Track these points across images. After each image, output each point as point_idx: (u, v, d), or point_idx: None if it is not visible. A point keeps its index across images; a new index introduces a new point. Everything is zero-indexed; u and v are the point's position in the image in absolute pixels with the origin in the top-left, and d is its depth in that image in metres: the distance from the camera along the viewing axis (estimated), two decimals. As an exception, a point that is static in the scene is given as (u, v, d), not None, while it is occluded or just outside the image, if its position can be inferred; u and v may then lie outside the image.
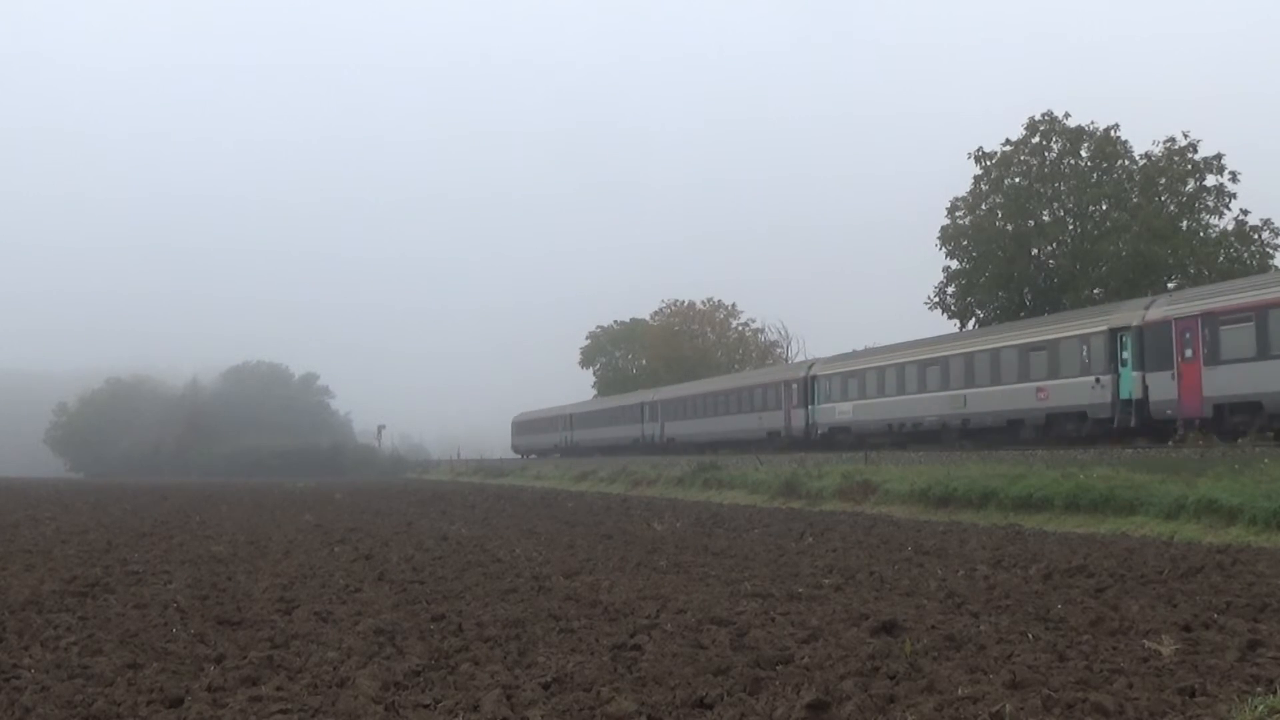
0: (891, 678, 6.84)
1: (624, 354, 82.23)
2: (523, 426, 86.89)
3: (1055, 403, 33.03)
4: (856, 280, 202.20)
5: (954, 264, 46.07)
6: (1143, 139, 55.28)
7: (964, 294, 45.67)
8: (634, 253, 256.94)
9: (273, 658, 7.73)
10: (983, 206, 45.83)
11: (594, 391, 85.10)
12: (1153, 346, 29.66)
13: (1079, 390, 32.00)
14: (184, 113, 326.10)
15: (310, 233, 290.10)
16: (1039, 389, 33.58)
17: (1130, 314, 31.10)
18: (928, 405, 38.89)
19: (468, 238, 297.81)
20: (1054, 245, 44.26)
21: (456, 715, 6.16)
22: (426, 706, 6.35)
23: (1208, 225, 42.59)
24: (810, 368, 48.11)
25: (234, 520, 24.95)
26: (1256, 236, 41.62)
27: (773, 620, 9.17)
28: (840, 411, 44.42)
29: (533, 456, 77.86)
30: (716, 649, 7.89)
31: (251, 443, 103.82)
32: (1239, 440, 26.47)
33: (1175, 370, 28.78)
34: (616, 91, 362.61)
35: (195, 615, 9.86)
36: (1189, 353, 28.32)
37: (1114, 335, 31.01)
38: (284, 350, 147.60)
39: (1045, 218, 44.82)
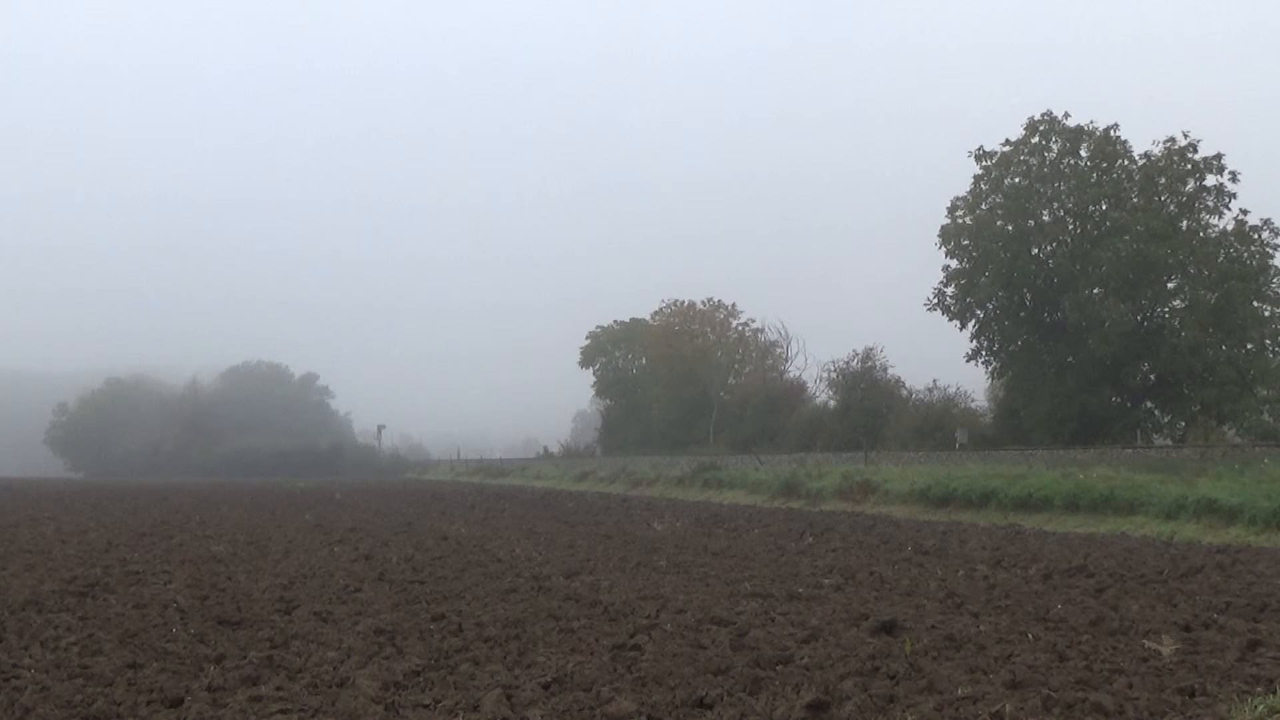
0: (891, 678, 6.83)
1: (624, 354, 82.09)
2: None
3: None
4: (856, 280, 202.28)
5: (954, 264, 46.04)
6: (1142, 139, 55.21)
7: (964, 294, 45.63)
8: (634, 253, 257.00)
9: (273, 658, 7.73)
10: (983, 206, 45.78)
11: (593, 392, 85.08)
12: None
13: None
14: (185, 113, 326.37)
15: (310, 233, 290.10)
16: None
17: None
18: None
19: (468, 238, 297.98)
20: (1054, 245, 44.20)
21: (456, 715, 6.15)
22: (426, 706, 6.34)
23: (1207, 225, 42.53)
24: None
25: (234, 520, 24.95)
26: (1256, 236, 41.54)
27: (773, 620, 9.17)
28: None
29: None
30: (716, 649, 7.89)
31: (251, 443, 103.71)
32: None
33: None
34: (617, 92, 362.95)
35: (195, 615, 9.86)
36: None
37: None
38: (284, 350, 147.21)
39: (1045, 218, 44.77)
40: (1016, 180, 45.27)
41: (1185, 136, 42.41)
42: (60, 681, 7.07)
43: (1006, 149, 45.58)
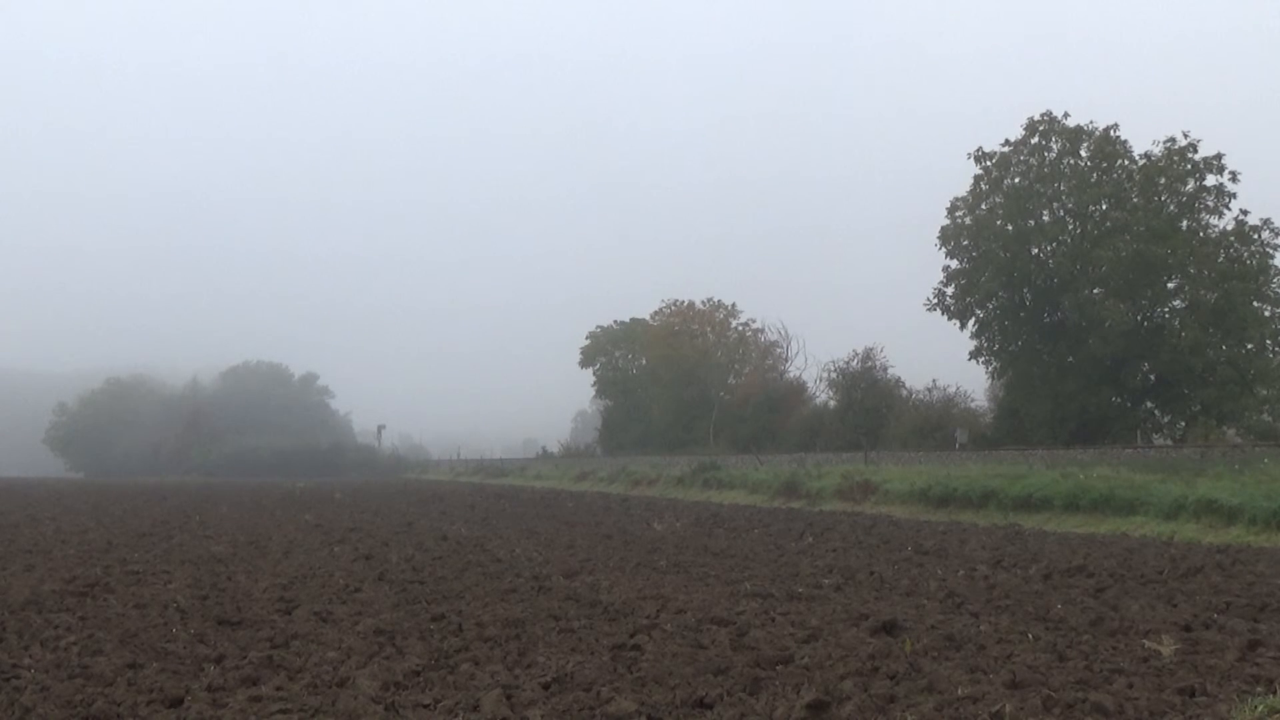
0: (891, 678, 6.83)
1: (624, 354, 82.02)
2: None
3: None
4: (856, 280, 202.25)
5: (954, 264, 46.03)
6: (1143, 139, 55.18)
7: (964, 294, 45.61)
8: (634, 253, 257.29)
9: (273, 658, 7.73)
10: (983, 206, 45.74)
11: (593, 392, 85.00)
12: None
13: None
14: (186, 112, 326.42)
15: (310, 233, 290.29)
16: None
17: None
18: None
19: (468, 238, 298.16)
20: (1054, 245, 44.17)
21: (456, 715, 6.15)
22: (426, 706, 6.34)
23: (1208, 225, 42.49)
24: None
25: (234, 520, 24.94)
26: (1256, 236, 41.49)
27: (773, 620, 9.17)
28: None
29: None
30: (716, 649, 7.89)
31: (251, 443, 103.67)
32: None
33: None
34: (617, 92, 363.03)
35: (195, 615, 9.86)
36: None
37: None
38: (284, 350, 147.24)
39: (1045, 218, 44.74)
40: (1016, 180, 45.25)
41: (1185, 136, 42.41)
42: (60, 681, 7.06)
43: (1006, 149, 45.56)
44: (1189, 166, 42.17)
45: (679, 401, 69.10)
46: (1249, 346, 40.81)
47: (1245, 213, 41.90)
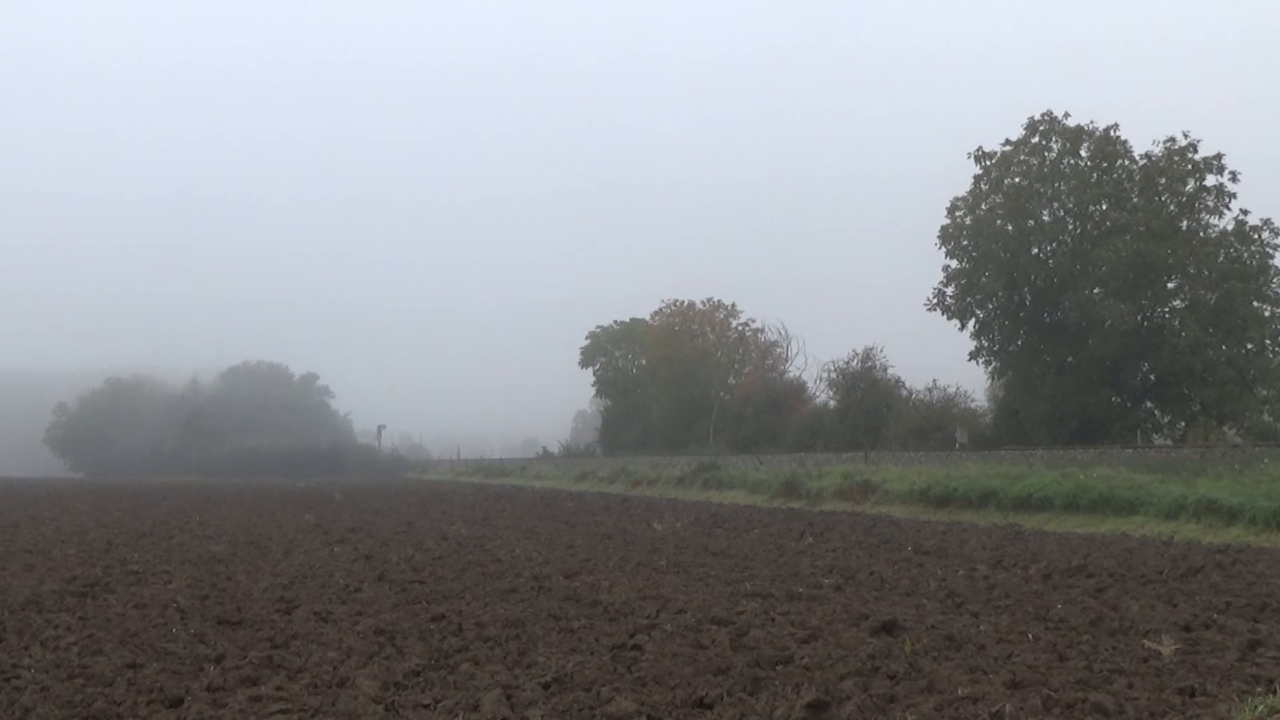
0: (891, 678, 6.83)
1: (624, 354, 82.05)
2: None
3: None
4: (856, 280, 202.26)
5: (954, 264, 46.01)
6: (1143, 139, 55.13)
7: (964, 294, 45.59)
8: (634, 253, 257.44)
9: (273, 658, 7.72)
10: (983, 206, 45.72)
11: (593, 392, 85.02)
12: None
13: None
14: (186, 112, 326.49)
15: (310, 232, 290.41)
16: None
17: None
18: None
19: (468, 238, 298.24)
20: (1054, 245, 44.18)
21: (456, 715, 6.15)
22: (426, 706, 6.34)
23: (1208, 225, 42.48)
24: None
25: (234, 520, 24.94)
26: (1256, 236, 41.49)
27: (773, 620, 9.17)
28: None
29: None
30: (716, 649, 7.89)
31: (251, 443, 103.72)
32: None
33: None
34: (617, 92, 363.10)
35: (195, 615, 9.86)
36: None
37: None
38: (284, 350, 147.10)
39: (1045, 217, 44.73)
40: (1016, 180, 45.23)
41: (1185, 136, 42.41)
42: (60, 681, 7.06)
43: (1006, 149, 45.54)
44: (1189, 167, 42.16)
45: (679, 401, 69.11)
46: (1249, 346, 40.81)
47: (1245, 213, 41.94)
